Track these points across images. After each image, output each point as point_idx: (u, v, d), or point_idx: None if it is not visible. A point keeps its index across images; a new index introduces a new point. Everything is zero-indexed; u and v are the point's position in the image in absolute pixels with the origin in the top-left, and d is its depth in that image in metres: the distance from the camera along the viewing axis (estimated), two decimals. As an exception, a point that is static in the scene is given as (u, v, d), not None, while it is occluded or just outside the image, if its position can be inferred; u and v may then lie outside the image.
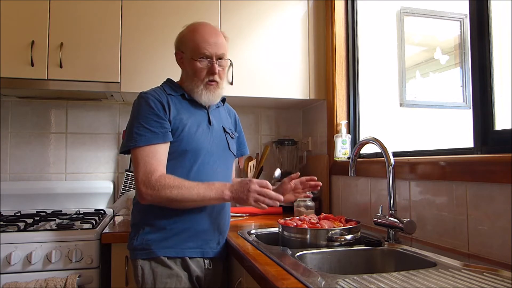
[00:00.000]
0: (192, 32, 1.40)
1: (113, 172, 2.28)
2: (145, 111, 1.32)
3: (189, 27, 1.44)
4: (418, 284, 0.91)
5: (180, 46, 1.45)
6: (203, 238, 1.38)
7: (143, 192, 1.26)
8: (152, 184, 1.25)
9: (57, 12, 1.89)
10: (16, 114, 2.18)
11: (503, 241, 1.08)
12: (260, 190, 1.27)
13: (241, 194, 1.27)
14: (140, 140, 1.29)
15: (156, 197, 1.25)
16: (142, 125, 1.30)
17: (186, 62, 1.42)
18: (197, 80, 1.40)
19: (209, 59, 1.38)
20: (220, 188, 1.29)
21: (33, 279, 1.50)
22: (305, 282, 0.89)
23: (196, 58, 1.38)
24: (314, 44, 2.20)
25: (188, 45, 1.40)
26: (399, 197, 1.48)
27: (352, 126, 2.09)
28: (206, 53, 1.37)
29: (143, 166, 1.27)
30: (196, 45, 1.37)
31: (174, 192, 1.25)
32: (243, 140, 1.67)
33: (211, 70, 1.38)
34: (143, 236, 1.34)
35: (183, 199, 1.26)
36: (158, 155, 1.30)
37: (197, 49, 1.37)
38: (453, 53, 2.31)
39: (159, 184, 1.25)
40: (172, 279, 1.31)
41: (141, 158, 1.28)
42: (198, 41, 1.37)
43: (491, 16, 1.22)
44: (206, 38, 1.38)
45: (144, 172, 1.26)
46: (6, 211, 2.02)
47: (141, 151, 1.29)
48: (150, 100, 1.34)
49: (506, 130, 1.15)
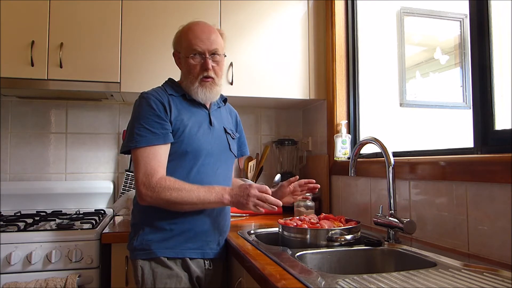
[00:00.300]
0: (185, 31, 1.41)
1: (113, 172, 2.28)
2: (146, 112, 1.32)
3: (184, 26, 1.45)
4: (418, 284, 0.91)
5: (176, 46, 1.46)
6: (203, 239, 1.38)
7: (143, 193, 1.26)
8: (152, 186, 1.25)
9: (57, 12, 1.89)
10: (16, 114, 2.18)
11: (503, 241, 1.08)
12: (260, 195, 1.27)
13: (240, 198, 1.27)
14: (140, 141, 1.29)
15: (156, 199, 1.26)
16: (143, 125, 1.30)
17: (182, 61, 1.43)
18: (192, 78, 1.40)
19: (202, 55, 1.38)
20: (220, 192, 1.29)
21: (33, 279, 1.50)
22: (305, 282, 0.89)
23: (188, 55, 1.38)
24: (314, 44, 2.20)
25: (182, 44, 1.41)
26: (399, 197, 1.48)
27: (352, 126, 2.09)
28: (198, 49, 1.37)
29: (143, 167, 1.27)
30: (189, 42, 1.38)
31: (174, 194, 1.25)
32: (244, 140, 1.67)
33: (204, 66, 1.38)
34: (143, 237, 1.34)
35: (182, 202, 1.26)
36: (159, 157, 1.30)
37: (190, 46, 1.38)
38: (453, 53, 2.31)
39: (159, 186, 1.25)
40: (172, 280, 1.31)
41: (142, 159, 1.28)
42: (190, 38, 1.38)
43: (491, 16, 1.22)
44: (197, 35, 1.38)
45: (144, 174, 1.26)
46: (6, 211, 2.02)
47: (142, 152, 1.29)
48: (151, 101, 1.34)
49: (506, 130, 1.15)
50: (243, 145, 1.66)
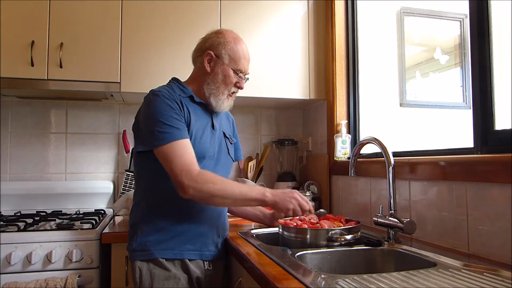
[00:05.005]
0: (235, 43, 1.44)
1: (113, 172, 2.27)
2: (164, 109, 1.30)
3: (231, 35, 1.45)
4: (418, 284, 0.91)
5: (216, 49, 1.42)
6: (202, 240, 1.38)
7: (185, 185, 1.22)
8: (194, 177, 1.22)
9: (57, 12, 1.89)
10: (16, 114, 2.18)
11: (503, 241, 1.08)
12: (301, 202, 1.33)
13: (284, 196, 1.31)
14: (166, 138, 1.26)
15: (199, 191, 1.23)
16: (164, 122, 1.28)
17: (219, 67, 1.42)
18: (224, 88, 1.43)
19: (241, 74, 1.45)
20: (261, 189, 1.33)
21: (33, 279, 1.51)
22: (305, 282, 0.89)
23: (234, 68, 1.42)
24: (314, 44, 2.20)
25: (228, 53, 1.42)
26: (399, 197, 1.48)
27: (352, 126, 2.09)
28: (242, 69, 1.45)
29: (179, 161, 1.24)
30: (238, 58, 1.43)
31: (217, 187, 1.25)
32: (239, 145, 1.67)
33: (239, 85, 1.45)
34: (141, 238, 1.33)
35: (224, 195, 1.26)
36: (189, 150, 1.28)
37: (238, 62, 1.43)
38: (453, 53, 2.31)
39: (201, 178, 1.23)
40: (169, 281, 1.30)
41: (174, 153, 1.25)
42: (240, 54, 1.43)
43: (491, 16, 1.22)
44: (245, 55, 1.46)
45: (183, 166, 1.23)
46: (6, 211, 2.02)
47: (171, 147, 1.25)
48: (166, 99, 1.32)
49: (506, 130, 1.15)
50: (238, 149, 1.66)
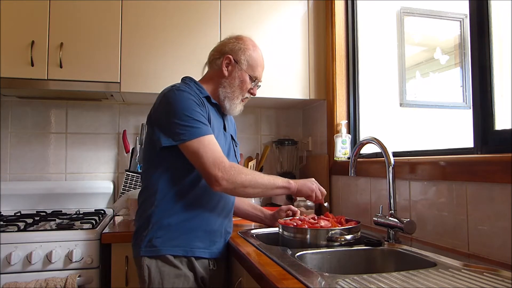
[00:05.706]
0: (254, 51, 1.49)
1: (113, 172, 2.27)
2: (189, 104, 1.31)
3: (250, 42, 1.50)
4: (418, 284, 0.91)
5: (236, 55, 1.46)
6: (210, 239, 1.38)
7: (219, 177, 1.25)
8: (227, 169, 1.26)
9: (57, 12, 1.89)
10: (16, 114, 2.18)
11: (503, 241, 1.08)
12: (320, 187, 1.46)
13: (304, 181, 1.43)
14: (196, 132, 1.27)
15: (233, 182, 1.27)
16: (191, 117, 1.29)
17: (237, 71, 1.46)
18: (239, 93, 1.47)
19: (256, 80, 1.50)
20: (284, 179, 1.40)
21: (33, 279, 1.51)
22: (305, 282, 0.89)
23: (250, 74, 1.47)
24: (314, 44, 2.20)
25: (247, 59, 1.47)
26: (399, 197, 1.48)
27: (352, 126, 2.09)
28: (258, 76, 1.50)
29: (210, 154, 1.27)
30: (256, 65, 1.48)
31: (249, 177, 1.30)
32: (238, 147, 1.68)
33: (252, 91, 1.51)
34: (150, 234, 1.31)
35: (256, 185, 1.31)
36: (217, 145, 1.31)
37: (255, 69, 1.48)
38: (453, 53, 2.31)
39: (234, 169, 1.28)
40: (179, 279, 1.29)
41: (204, 147, 1.27)
42: (258, 62, 1.49)
43: (491, 16, 1.22)
44: (262, 63, 1.52)
45: (215, 158, 1.26)
46: (6, 211, 2.02)
47: (201, 142, 1.27)
48: (189, 95, 1.33)
49: (506, 130, 1.15)
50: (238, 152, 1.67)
